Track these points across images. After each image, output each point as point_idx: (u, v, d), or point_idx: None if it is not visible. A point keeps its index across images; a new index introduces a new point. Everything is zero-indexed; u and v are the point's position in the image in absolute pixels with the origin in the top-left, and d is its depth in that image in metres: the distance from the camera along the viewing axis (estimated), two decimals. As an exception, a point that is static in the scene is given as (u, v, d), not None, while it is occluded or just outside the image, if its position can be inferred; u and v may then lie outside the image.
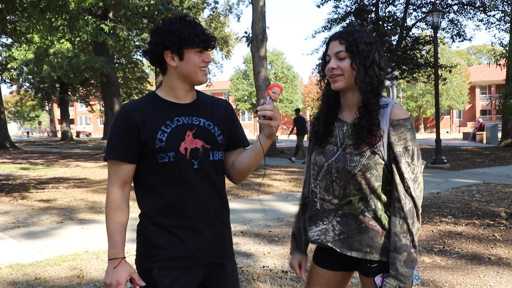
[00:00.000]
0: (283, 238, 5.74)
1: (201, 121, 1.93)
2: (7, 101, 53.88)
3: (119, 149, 1.85)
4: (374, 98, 1.85)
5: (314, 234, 2.00)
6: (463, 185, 9.95)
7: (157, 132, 1.84)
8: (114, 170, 1.88)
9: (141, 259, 1.90)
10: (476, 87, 58.73)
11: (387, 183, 1.89)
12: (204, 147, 1.90)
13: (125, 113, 1.87)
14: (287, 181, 11.18)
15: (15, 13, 9.70)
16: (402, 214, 1.83)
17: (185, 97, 1.94)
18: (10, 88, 51.07)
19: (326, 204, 1.95)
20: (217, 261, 1.94)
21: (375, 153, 1.85)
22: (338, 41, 1.89)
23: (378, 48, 1.90)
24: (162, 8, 18.90)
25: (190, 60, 1.85)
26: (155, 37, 1.85)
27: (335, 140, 1.95)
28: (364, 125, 1.84)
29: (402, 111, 1.87)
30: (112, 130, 1.90)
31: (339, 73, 1.88)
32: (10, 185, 11.18)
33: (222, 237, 1.97)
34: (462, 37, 21.92)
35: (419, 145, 1.91)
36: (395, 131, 1.84)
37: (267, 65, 20.33)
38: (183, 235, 1.85)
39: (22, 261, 4.88)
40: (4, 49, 28.93)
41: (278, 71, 54.78)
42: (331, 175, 1.92)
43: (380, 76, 1.88)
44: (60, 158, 19.99)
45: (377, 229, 1.89)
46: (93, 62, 19.84)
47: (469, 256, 4.87)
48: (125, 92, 38.19)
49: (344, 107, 1.98)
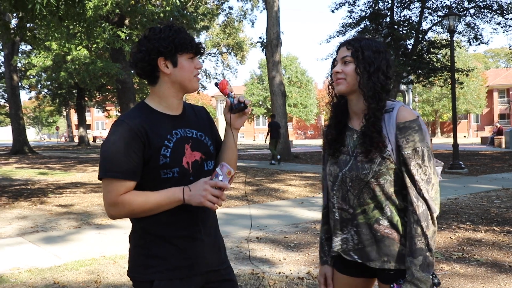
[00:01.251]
0: (299, 244, 5.72)
1: (193, 132, 1.92)
2: (25, 107, 54.68)
3: (125, 167, 1.73)
4: (374, 103, 1.86)
5: (336, 244, 2.01)
6: (481, 191, 9.82)
7: (161, 147, 1.79)
8: (117, 188, 1.74)
9: (139, 271, 1.84)
10: (494, 90, 58.00)
11: (403, 187, 1.87)
12: (201, 158, 1.90)
13: (128, 129, 1.75)
14: (302, 186, 11.14)
15: (34, 21, 9.88)
16: (415, 217, 1.81)
17: (177, 107, 1.91)
18: (28, 94, 51.90)
19: (344, 213, 1.96)
20: (214, 268, 1.95)
21: (385, 158, 1.84)
22: (345, 47, 1.93)
23: (386, 57, 1.91)
24: (178, 14, 19.06)
25: (184, 66, 1.83)
26: (146, 44, 1.80)
27: (347, 149, 1.97)
28: (367, 133, 1.86)
29: (408, 113, 1.86)
30: (114, 146, 1.74)
31: (342, 77, 1.91)
32: (29, 189, 11.34)
33: (218, 245, 1.99)
34: (479, 40, 21.65)
35: (431, 145, 1.89)
36: (402, 133, 1.83)
37: (282, 70, 20.36)
38: (183, 245, 1.84)
39: (41, 266, 4.94)
40: (24, 56, 29.42)
41: (292, 75, 54.81)
42: (346, 185, 1.93)
43: (385, 84, 1.89)
44: (77, 163, 20.23)
45: (393, 237, 1.88)
46: (109, 69, 20.04)
47: (489, 264, 4.80)
48: (140, 98, 38.53)
49: (352, 114, 2.00)
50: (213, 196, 1.71)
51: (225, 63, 41.42)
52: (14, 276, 4.59)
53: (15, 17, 13.80)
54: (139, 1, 19.46)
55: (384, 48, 1.93)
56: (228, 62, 41.82)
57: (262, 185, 11.48)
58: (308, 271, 4.64)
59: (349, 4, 22.22)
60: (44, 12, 7.74)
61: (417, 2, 21.79)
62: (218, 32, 38.43)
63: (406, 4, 21.91)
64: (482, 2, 21.02)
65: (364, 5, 22.15)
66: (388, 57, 1.93)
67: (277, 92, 18.65)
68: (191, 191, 1.73)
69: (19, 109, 28.15)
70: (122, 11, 18.52)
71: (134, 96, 24.47)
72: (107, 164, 1.75)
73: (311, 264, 4.86)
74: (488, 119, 58.16)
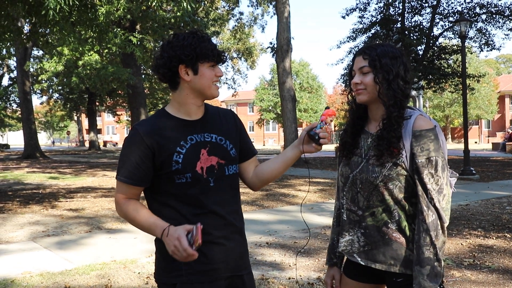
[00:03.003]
0: (309, 250, 5.71)
1: (213, 136, 1.94)
2: (37, 112, 55.26)
3: (131, 173, 1.83)
4: (396, 111, 1.86)
5: (341, 245, 2.03)
6: (493, 197, 9.73)
7: (173, 154, 1.83)
8: (124, 190, 1.88)
9: (163, 274, 1.89)
10: (506, 96, 57.52)
11: (413, 194, 1.88)
12: (219, 163, 1.91)
13: (138, 137, 1.83)
14: (312, 191, 11.12)
15: (47, 26, 9.99)
16: (425, 226, 1.81)
17: (196, 112, 1.93)
18: (40, 99, 52.38)
19: (352, 215, 1.97)
20: (237, 273, 1.95)
21: (398, 164, 1.84)
22: (362, 56, 1.93)
23: (403, 61, 1.91)
24: (188, 20, 19.11)
25: (204, 74, 1.86)
26: (169, 51, 1.83)
27: (360, 151, 1.97)
28: (385, 137, 1.85)
29: (425, 122, 1.86)
30: (125, 151, 1.86)
31: (362, 88, 1.91)
32: (40, 194, 11.44)
33: (241, 250, 1.99)
34: (491, 46, 21.49)
35: (446, 155, 1.89)
36: (418, 142, 1.83)
37: (293, 75, 20.38)
38: (205, 249, 1.85)
39: (52, 270, 4.98)
40: (36, 61, 29.74)
41: (303, 81, 54.82)
42: (356, 186, 1.94)
43: (405, 90, 1.89)
44: (88, 168, 20.36)
45: (401, 241, 1.88)
46: (120, 74, 20.22)
47: (500, 271, 4.75)
48: (151, 103, 38.75)
49: (370, 119, 2.01)
50: (179, 253, 1.72)
51: (236, 68, 41.53)
52: (25, 280, 4.63)
53: (28, 23, 13.98)
54: (150, 6, 19.60)
55: (401, 52, 1.93)
56: (239, 67, 41.92)
57: (272, 190, 11.47)
58: (318, 276, 4.63)
59: (360, 10, 22.19)
60: (57, 18, 7.82)
61: (428, 7, 21.72)
62: (229, 37, 38.56)
63: (417, 9, 21.82)
64: (493, 8, 20.89)
65: (375, 11, 22.12)
66: (405, 60, 1.93)
67: (287, 98, 18.66)
68: (167, 236, 1.76)
69: (31, 114, 28.44)
70: (133, 17, 18.69)
71: (145, 101, 24.65)
72: (119, 167, 1.88)
73: (321, 270, 4.85)
74: (499, 125, 57.64)
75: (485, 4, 20.97)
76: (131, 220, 1.88)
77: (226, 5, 33.95)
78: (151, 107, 38.62)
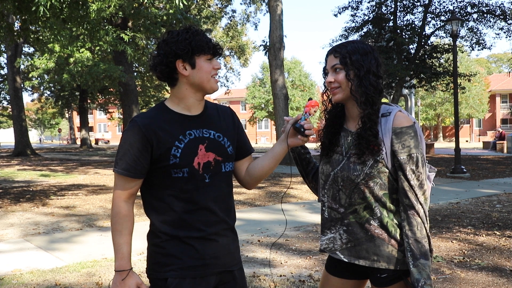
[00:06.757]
0: (301, 247, 5.72)
1: (211, 133, 1.94)
2: (28, 109, 54.84)
3: (130, 165, 1.84)
4: (368, 108, 1.88)
5: (323, 243, 2.04)
6: (483, 195, 9.81)
7: (171, 148, 1.84)
8: (122, 184, 1.87)
9: (155, 269, 1.90)
10: (497, 95, 57.95)
11: (393, 191, 1.90)
12: (216, 159, 1.92)
13: (137, 129, 1.83)
14: (304, 190, 11.14)
15: (38, 23, 9.92)
16: (418, 220, 1.84)
17: (196, 107, 1.94)
18: (31, 96, 52.02)
19: (334, 213, 1.99)
20: (228, 269, 1.97)
21: (378, 161, 1.87)
22: (333, 54, 1.94)
23: (375, 56, 1.93)
24: (181, 17, 19.12)
25: (202, 67, 1.87)
26: (164, 48, 1.85)
27: (341, 149, 1.99)
28: (363, 136, 1.87)
29: (405, 119, 1.88)
30: (123, 143, 1.86)
31: (336, 86, 1.93)
32: (31, 191, 11.36)
33: (232, 246, 2.00)
34: (482, 45, 21.63)
35: (424, 151, 1.92)
36: (398, 139, 1.85)
37: (285, 73, 20.39)
38: (196, 245, 1.87)
39: (43, 267, 4.95)
40: (27, 58, 29.50)
41: (295, 79, 54.85)
42: (337, 184, 1.96)
43: (377, 85, 1.90)
44: (79, 165, 20.26)
45: (383, 237, 1.90)
46: (112, 71, 20.10)
47: (490, 268, 4.79)
48: (143, 100, 38.59)
49: (348, 117, 2.02)
50: None
51: (228, 66, 41.46)
52: (15, 278, 4.60)
53: (19, 19, 13.88)
54: (142, 4, 19.53)
55: (371, 48, 1.94)
56: (231, 65, 41.85)
57: (264, 188, 11.48)
58: (309, 274, 4.65)
59: (352, 8, 22.24)
60: (48, 14, 7.77)
61: (420, 6, 21.81)
62: (221, 35, 38.46)
63: (409, 8, 21.92)
64: (485, 7, 21.02)
65: (367, 9, 22.18)
66: (377, 55, 1.94)
67: (280, 96, 18.67)
68: (123, 281, 1.83)
69: (22, 111, 28.23)
70: (125, 14, 18.60)
71: (137, 98, 24.54)
72: (117, 159, 1.88)
73: (313, 267, 4.87)
74: (490, 124, 58.07)
75: (476, 3, 21.10)
76: (113, 229, 1.88)
77: (218, 3, 33.90)
78: (143, 104, 38.45)
